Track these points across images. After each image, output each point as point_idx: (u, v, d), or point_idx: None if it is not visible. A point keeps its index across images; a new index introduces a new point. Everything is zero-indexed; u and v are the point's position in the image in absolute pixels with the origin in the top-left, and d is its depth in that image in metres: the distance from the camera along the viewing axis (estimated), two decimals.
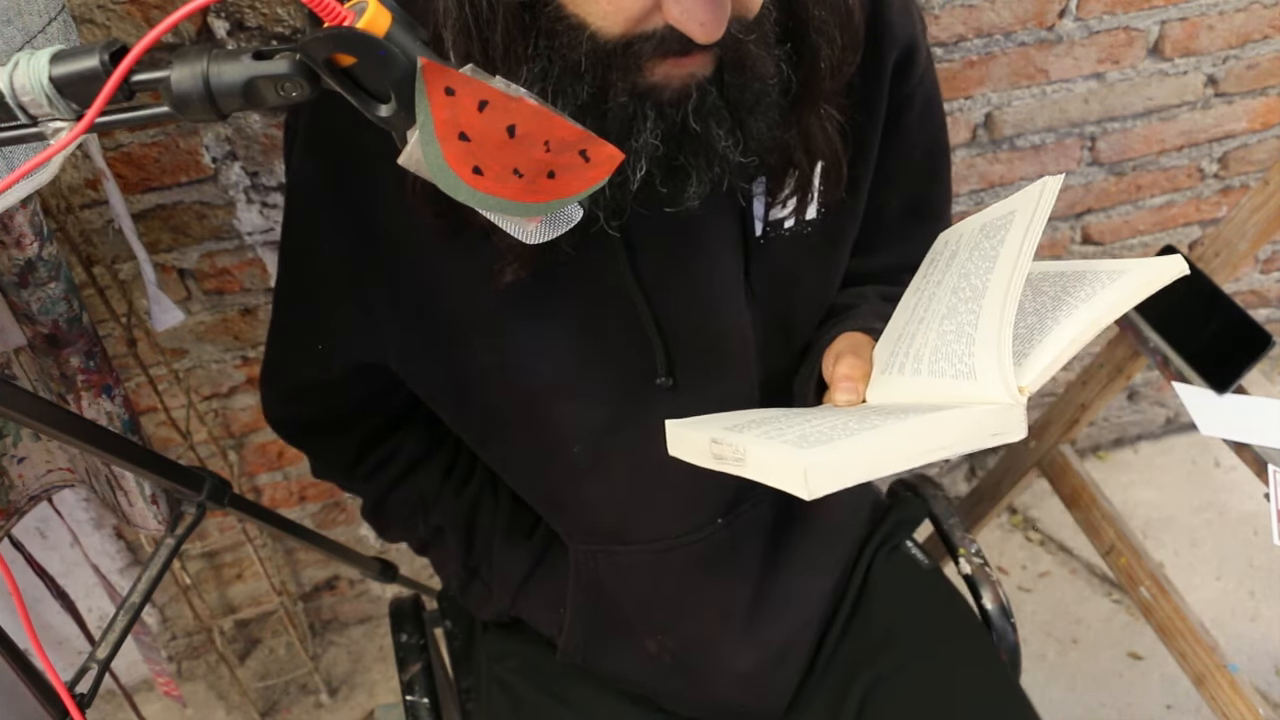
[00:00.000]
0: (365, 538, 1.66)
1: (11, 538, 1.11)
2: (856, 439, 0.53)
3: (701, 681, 0.86)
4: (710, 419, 0.66)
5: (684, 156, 0.62)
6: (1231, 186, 1.69)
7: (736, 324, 0.76)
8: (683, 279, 0.73)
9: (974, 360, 0.57)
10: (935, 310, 0.63)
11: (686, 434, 0.64)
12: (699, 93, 0.60)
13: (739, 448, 0.56)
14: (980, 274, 0.60)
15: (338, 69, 0.46)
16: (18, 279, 0.90)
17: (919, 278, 0.72)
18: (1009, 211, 0.61)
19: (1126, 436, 2.00)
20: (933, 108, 0.80)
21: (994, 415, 0.55)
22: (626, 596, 0.85)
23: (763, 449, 0.55)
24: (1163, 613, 1.31)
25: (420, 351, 0.78)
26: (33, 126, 0.48)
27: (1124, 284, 0.58)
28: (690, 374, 0.77)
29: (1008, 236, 0.59)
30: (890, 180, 0.79)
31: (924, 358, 0.62)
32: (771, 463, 0.53)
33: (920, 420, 0.54)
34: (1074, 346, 0.56)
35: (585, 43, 0.57)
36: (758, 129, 0.63)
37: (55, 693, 0.72)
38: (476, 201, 0.50)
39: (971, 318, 0.58)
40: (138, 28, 1.08)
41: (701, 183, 0.64)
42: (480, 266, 0.69)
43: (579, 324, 0.74)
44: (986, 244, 0.61)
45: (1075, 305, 0.59)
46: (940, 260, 0.69)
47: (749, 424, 0.61)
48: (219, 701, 1.66)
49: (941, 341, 0.60)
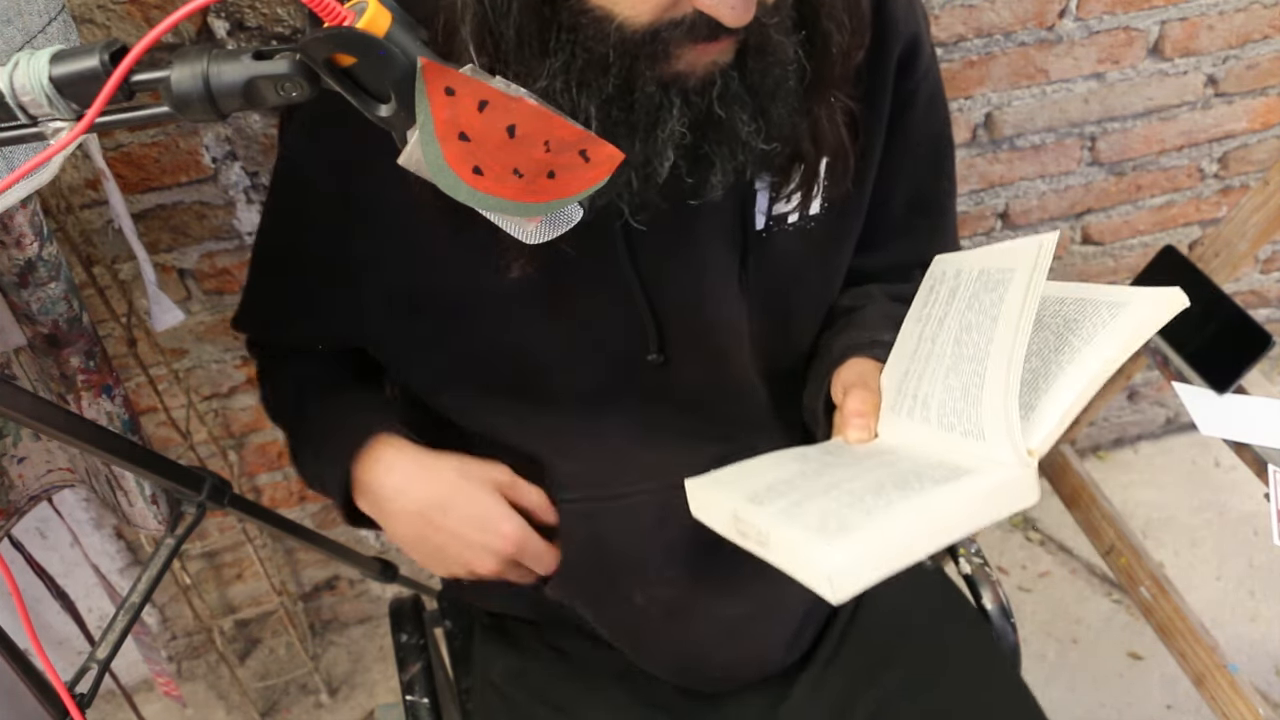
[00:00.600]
0: (365, 538, 1.66)
1: (11, 538, 1.11)
2: (877, 524, 0.53)
3: (688, 632, 0.85)
4: (730, 478, 0.66)
5: (709, 145, 0.62)
6: (1231, 186, 1.69)
7: (729, 317, 0.77)
8: (679, 267, 0.74)
9: (982, 423, 0.58)
10: (940, 357, 0.64)
11: (708, 497, 0.64)
12: (723, 79, 0.60)
13: (762, 531, 0.57)
14: (983, 331, 0.61)
15: (338, 69, 0.46)
16: (18, 279, 0.90)
17: (920, 304, 0.72)
18: (1008, 267, 0.62)
19: (1126, 436, 2.00)
20: (937, 104, 0.80)
21: (1007, 486, 0.56)
22: (613, 549, 0.84)
23: (786, 535, 0.55)
24: (1163, 613, 1.31)
25: (412, 338, 0.79)
26: (33, 126, 0.48)
27: (1124, 326, 0.59)
28: (684, 357, 0.77)
29: (1007, 296, 0.60)
30: (894, 176, 0.79)
31: (932, 406, 0.62)
32: (796, 557, 0.54)
33: (936, 496, 0.55)
34: (1079, 403, 0.57)
35: (613, 34, 0.57)
36: (778, 115, 0.63)
37: (55, 693, 0.72)
38: (476, 201, 0.50)
39: (977, 380, 0.59)
40: (138, 28, 1.08)
41: (725, 172, 0.64)
42: (481, 250, 0.69)
43: (578, 305, 0.75)
44: (987, 298, 0.62)
45: (1078, 348, 0.59)
46: (940, 294, 0.69)
47: (769, 490, 0.61)
48: (219, 701, 1.66)
49: (948, 395, 0.61)
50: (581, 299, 0.75)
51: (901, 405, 0.66)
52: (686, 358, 0.78)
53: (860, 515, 0.54)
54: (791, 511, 0.57)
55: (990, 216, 1.59)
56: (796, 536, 0.54)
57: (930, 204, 0.85)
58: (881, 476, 0.58)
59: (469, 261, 0.72)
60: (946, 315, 0.66)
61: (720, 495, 0.63)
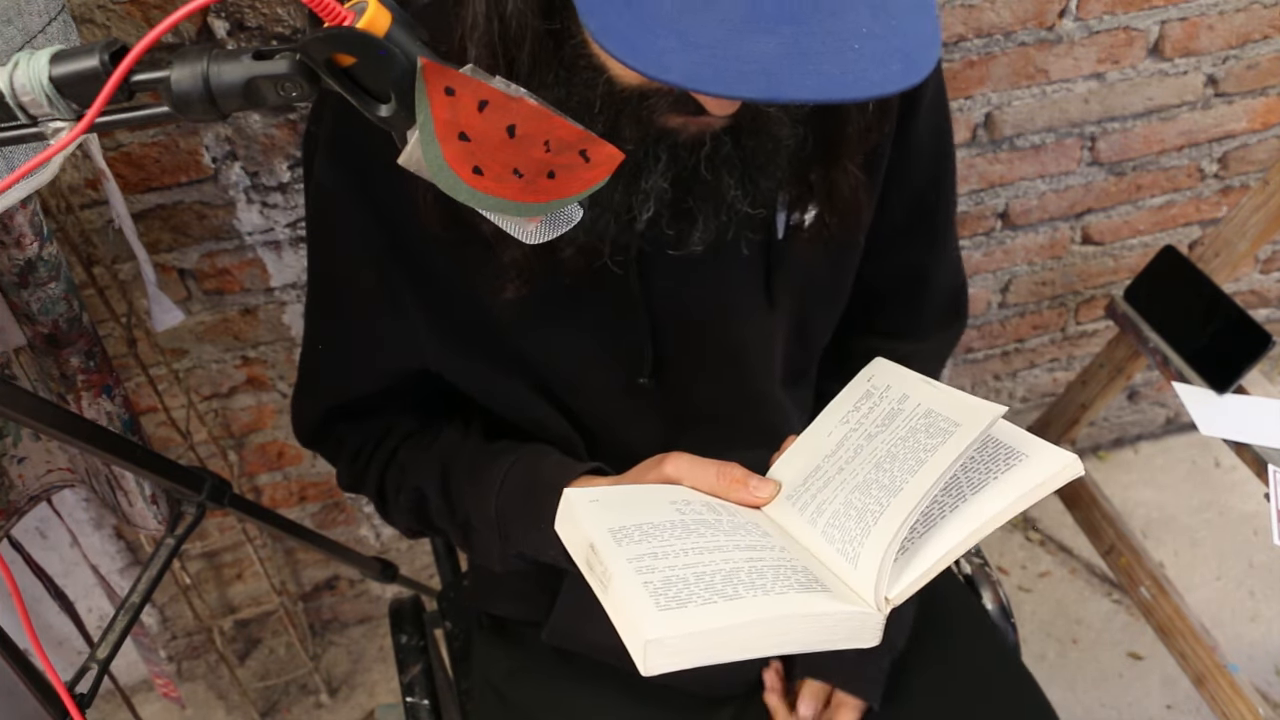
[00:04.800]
0: (365, 538, 1.66)
1: (11, 538, 1.11)
2: (712, 614, 0.53)
3: None
4: (610, 501, 0.64)
5: (693, 200, 0.62)
6: (1231, 186, 1.69)
7: (752, 324, 0.77)
8: (702, 280, 0.74)
9: (861, 550, 0.58)
10: (854, 472, 0.64)
11: (577, 515, 0.62)
12: (714, 142, 0.60)
13: (608, 573, 0.56)
14: (904, 470, 0.60)
15: (338, 69, 0.46)
16: (18, 279, 0.90)
17: (851, 408, 0.71)
18: (955, 421, 0.61)
19: (1126, 436, 2.00)
20: (939, 108, 0.80)
21: (853, 621, 0.56)
22: None
23: (625, 586, 0.55)
24: (1163, 613, 1.31)
25: (452, 348, 0.78)
26: (33, 126, 0.48)
27: (1014, 486, 0.58)
28: (706, 367, 0.78)
29: (942, 449, 0.60)
30: (895, 181, 0.79)
31: (824, 514, 0.62)
32: (623, 614, 0.54)
33: (782, 604, 0.55)
34: (948, 559, 0.58)
35: (602, 85, 0.57)
36: (767, 185, 0.64)
37: (55, 693, 0.72)
38: (476, 201, 0.50)
39: (877, 509, 0.59)
40: (138, 28, 1.08)
41: (707, 229, 0.64)
42: (491, 270, 0.70)
43: (594, 322, 0.75)
44: (924, 441, 0.62)
45: (966, 496, 0.59)
46: (879, 410, 0.68)
47: (634, 530, 0.60)
48: (219, 701, 1.66)
49: (845, 509, 0.61)
50: (593, 316, 0.75)
51: (799, 498, 0.65)
52: (709, 368, 0.78)
53: (703, 595, 0.54)
54: (642, 564, 0.56)
55: (990, 216, 1.59)
56: (634, 594, 0.54)
57: (931, 210, 0.85)
58: (740, 561, 0.58)
59: (487, 281, 0.72)
60: (877, 435, 0.65)
61: (588, 519, 0.61)
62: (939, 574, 0.58)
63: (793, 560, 0.59)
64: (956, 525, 0.58)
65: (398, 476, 0.84)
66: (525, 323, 0.75)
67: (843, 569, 0.59)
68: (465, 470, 0.80)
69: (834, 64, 0.47)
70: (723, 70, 0.46)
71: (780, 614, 0.54)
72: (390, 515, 0.88)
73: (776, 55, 0.46)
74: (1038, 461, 0.59)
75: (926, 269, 0.88)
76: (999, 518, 0.58)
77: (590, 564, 0.59)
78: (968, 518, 0.58)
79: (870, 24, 0.48)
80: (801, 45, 0.47)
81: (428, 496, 0.82)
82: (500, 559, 0.79)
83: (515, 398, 0.81)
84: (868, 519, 0.59)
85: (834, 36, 0.47)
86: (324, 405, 0.85)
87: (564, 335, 0.76)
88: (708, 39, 0.46)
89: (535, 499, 0.71)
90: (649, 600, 0.53)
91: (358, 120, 0.50)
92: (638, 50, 0.47)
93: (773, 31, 0.47)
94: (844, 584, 0.58)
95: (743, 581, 0.56)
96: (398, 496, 0.84)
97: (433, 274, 0.74)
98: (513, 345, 0.77)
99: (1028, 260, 1.67)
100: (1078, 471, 0.58)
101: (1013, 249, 1.64)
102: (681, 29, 0.47)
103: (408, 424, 0.86)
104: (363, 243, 0.74)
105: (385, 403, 0.85)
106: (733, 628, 0.53)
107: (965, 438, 0.59)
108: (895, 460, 0.62)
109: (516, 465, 0.76)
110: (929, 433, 0.62)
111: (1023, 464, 0.60)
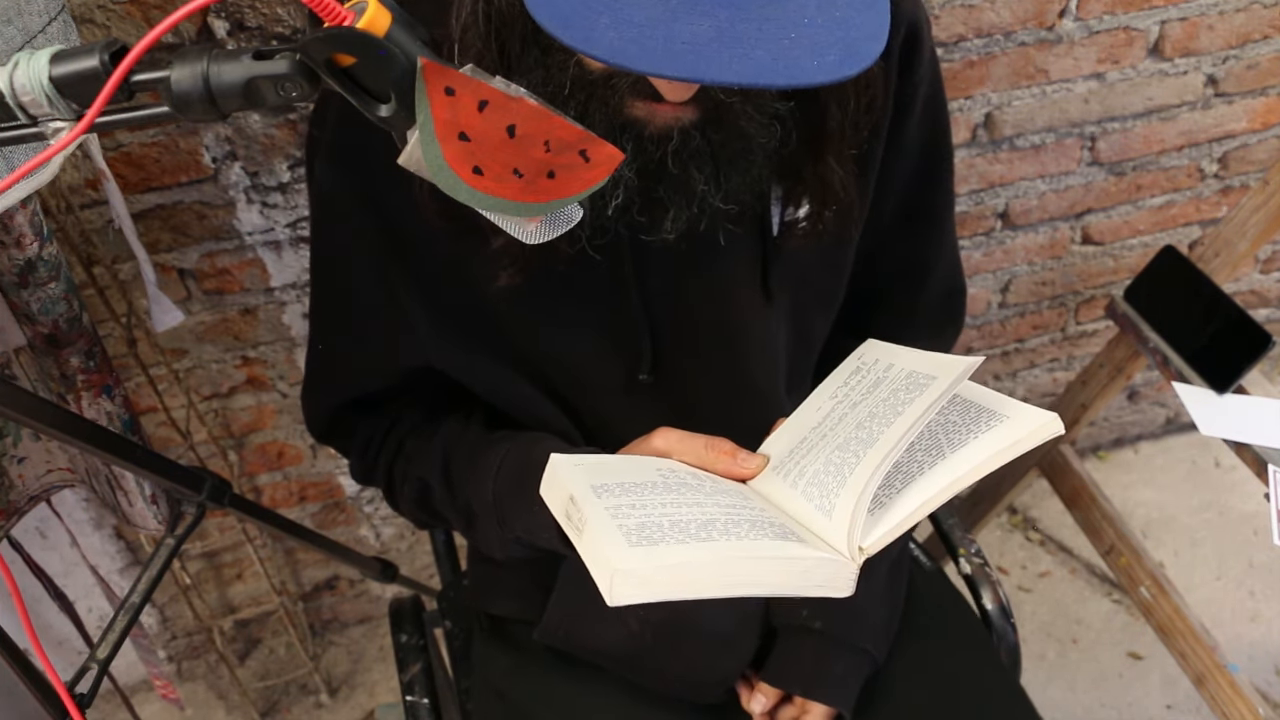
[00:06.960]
0: (365, 538, 1.66)
1: (11, 538, 1.11)
2: (684, 551, 0.53)
3: (684, 649, 0.85)
4: (592, 464, 0.65)
5: (663, 191, 0.63)
6: (1231, 186, 1.69)
7: (750, 321, 0.77)
8: (699, 278, 0.74)
9: (836, 501, 0.59)
10: (836, 435, 0.64)
11: (560, 476, 0.63)
12: (681, 136, 0.60)
13: (584, 518, 0.56)
14: (882, 422, 0.61)
15: (338, 69, 0.46)
16: (18, 279, 0.90)
17: (840, 383, 0.71)
18: (931, 375, 0.62)
19: (1126, 436, 2.00)
20: (937, 107, 0.80)
21: (825, 568, 0.56)
22: None
23: (599, 528, 0.55)
24: (1163, 613, 1.31)
25: (455, 347, 0.79)
26: (33, 126, 0.48)
27: (995, 439, 0.59)
28: (704, 364, 0.78)
29: (918, 400, 0.60)
30: (891, 179, 0.79)
31: (805, 476, 0.63)
32: (595, 550, 0.54)
33: (754, 548, 0.55)
34: (927, 510, 0.58)
35: (572, 67, 0.58)
36: (737, 181, 0.64)
37: (55, 693, 0.72)
38: (476, 201, 0.50)
39: (854, 460, 0.60)
40: (138, 28, 1.08)
41: (679, 219, 0.64)
42: (489, 266, 0.70)
43: (591, 318, 0.75)
44: (904, 395, 0.62)
45: (945, 454, 0.60)
46: (864, 381, 0.69)
47: (614, 487, 0.60)
48: (219, 701, 1.66)
49: (825, 468, 0.62)
50: (591, 312, 0.75)
51: (783, 467, 0.66)
52: (708, 365, 0.78)
53: (676, 537, 0.54)
54: (618, 510, 0.57)
55: (990, 216, 1.59)
56: (607, 533, 0.54)
57: (927, 209, 0.85)
58: (717, 513, 0.58)
59: (486, 277, 0.72)
60: (861, 402, 0.66)
61: (570, 477, 0.62)
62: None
63: (771, 518, 0.60)
64: (934, 478, 0.59)
65: (404, 467, 0.85)
66: (524, 319, 0.76)
67: (819, 523, 0.59)
68: (466, 457, 0.81)
69: (766, 50, 0.47)
70: (649, 48, 0.47)
71: (752, 555, 0.54)
72: (399, 506, 0.90)
73: (708, 38, 0.47)
74: (1017, 420, 0.60)
75: (923, 270, 0.88)
76: (976, 471, 0.58)
77: (569, 514, 0.59)
78: (945, 471, 0.59)
79: (813, 15, 0.49)
80: (736, 30, 0.47)
81: (432, 486, 0.83)
82: (500, 545, 0.80)
83: (518, 395, 0.81)
84: (844, 471, 0.60)
85: (771, 23, 0.48)
86: (331, 402, 0.87)
87: (563, 331, 0.76)
88: (641, 18, 0.47)
89: (529, 480, 0.72)
90: (621, 539, 0.53)
91: (360, 124, 0.50)
92: (570, 24, 0.48)
93: (709, 15, 0.47)
94: (819, 538, 0.58)
95: (718, 529, 0.56)
96: (404, 487, 0.86)
97: (434, 274, 0.75)
98: (514, 342, 0.78)
99: (1028, 260, 1.67)
100: (1057, 429, 0.58)
101: (1013, 249, 1.64)
102: (618, 7, 0.48)
103: (414, 416, 0.87)
104: (364, 245, 0.75)
105: (392, 397, 0.86)
106: (704, 564, 0.53)
107: (940, 386, 0.59)
108: (875, 419, 0.62)
109: (513, 450, 0.77)
110: (908, 389, 0.62)
111: (1004, 424, 0.60)
